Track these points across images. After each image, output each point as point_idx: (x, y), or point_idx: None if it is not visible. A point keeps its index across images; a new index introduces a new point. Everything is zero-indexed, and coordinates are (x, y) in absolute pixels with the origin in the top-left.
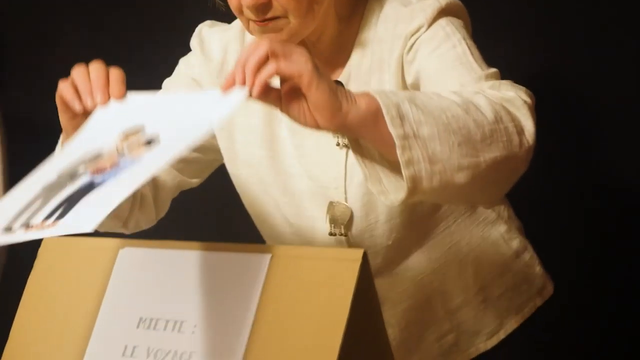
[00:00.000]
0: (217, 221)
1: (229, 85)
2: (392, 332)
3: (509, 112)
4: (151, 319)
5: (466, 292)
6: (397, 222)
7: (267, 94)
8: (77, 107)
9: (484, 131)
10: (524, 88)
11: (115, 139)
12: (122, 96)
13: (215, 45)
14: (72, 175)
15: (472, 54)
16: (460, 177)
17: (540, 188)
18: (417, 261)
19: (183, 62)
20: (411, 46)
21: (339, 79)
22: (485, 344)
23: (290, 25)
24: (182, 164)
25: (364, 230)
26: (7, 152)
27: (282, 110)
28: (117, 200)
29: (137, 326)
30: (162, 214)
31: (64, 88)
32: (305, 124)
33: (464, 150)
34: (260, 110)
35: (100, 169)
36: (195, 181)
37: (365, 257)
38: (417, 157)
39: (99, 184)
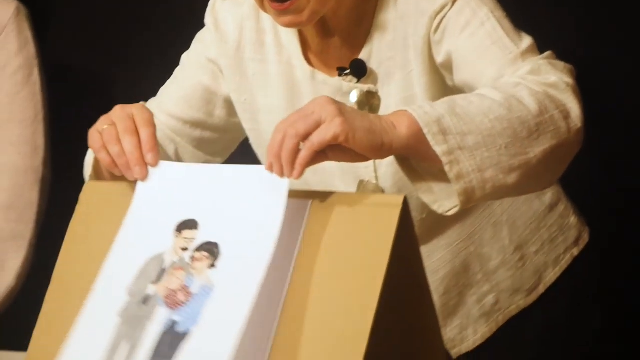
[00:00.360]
0: None
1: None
2: None
3: (553, 99)
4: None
5: (503, 253)
6: None
7: (312, 162)
8: (116, 173)
9: (529, 126)
10: (562, 64)
11: (171, 239)
12: (157, 163)
13: (230, 23)
14: (145, 299)
15: (502, 27)
16: (513, 178)
17: None
18: (452, 229)
19: (199, 39)
20: (437, 26)
21: (359, 57)
22: (526, 301)
23: (310, 5)
24: (204, 144)
25: None
26: (47, 99)
27: (330, 159)
28: None
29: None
30: None
31: (100, 154)
32: (357, 161)
33: (512, 151)
34: (282, 89)
35: (176, 303)
36: (218, 160)
37: (405, 202)
38: (465, 169)
39: (183, 332)
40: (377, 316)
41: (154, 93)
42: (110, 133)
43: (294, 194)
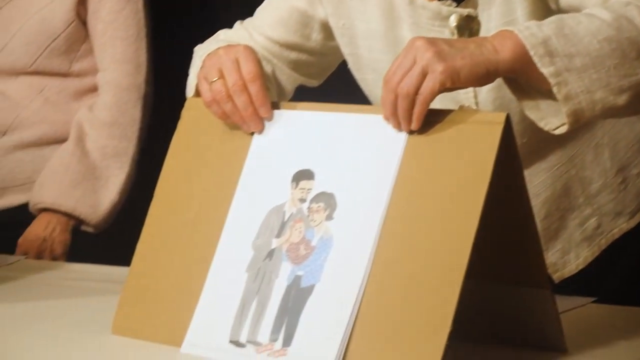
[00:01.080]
0: None
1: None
2: None
3: None
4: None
5: (604, 176)
6: (530, 121)
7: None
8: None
9: (639, 47)
10: None
11: (289, 190)
12: (271, 116)
13: None
14: (269, 254)
15: None
16: (623, 99)
17: None
18: (552, 153)
19: None
20: None
21: None
22: (628, 224)
23: None
24: (300, 66)
25: None
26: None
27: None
28: (341, 330)
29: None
30: None
31: (212, 108)
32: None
33: (621, 72)
34: (380, 14)
35: (299, 257)
36: (314, 82)
37: (508, 120)
38: (574, 91)
39: (307, 286)
40: (478, 236)
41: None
42: (219, 90)
43: None
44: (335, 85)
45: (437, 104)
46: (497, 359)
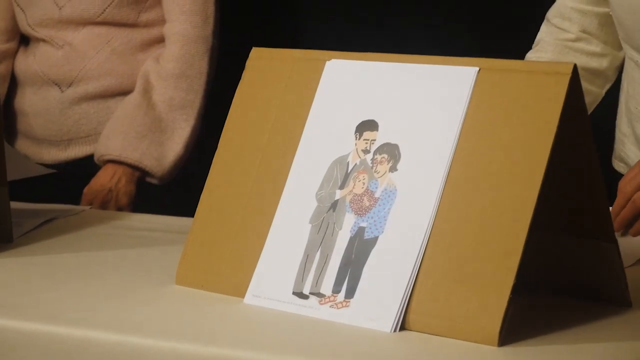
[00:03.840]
0: None
1: None
2: None
3: None
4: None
5: None
6: None
7: None
8: None
9: None
10: None
11: (352, 140)
12: None
13: None
14: (333, 206)
15: None
16: None
17: None
18: None
19: None
20: None
21: None
22: None
23: None
24: None
25: None
26: None
27: None
28: (404, 282)
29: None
30: None
31: None
32: None
33: None
34: None
35: (362, 209)
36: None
37: (575, 71)
38: None
39: (371, 238)
40: (544, 187)
41: None
42: None
43: (459, 62)
44: None
45: None
46: (562, 313)
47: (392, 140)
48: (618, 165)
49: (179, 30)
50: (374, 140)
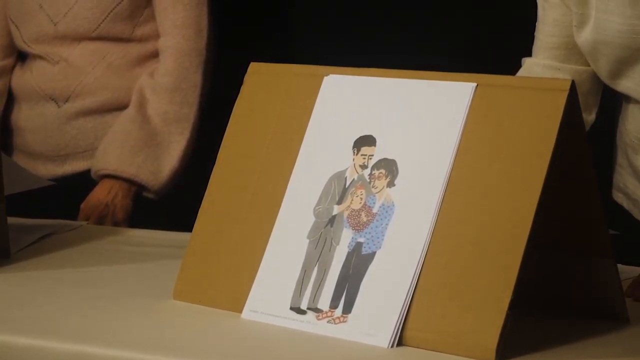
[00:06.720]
0: None
1: None
2: None
3: None
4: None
5: None
6: None
7: None
8: None
9: None
10: None
11: (350, 155)
12: None
13: None
14: (331, 221)
15: None
16: None
17: None
18: None
19: None
20: None
21: None
22: None
23: None
24: None
25: None
26: None
27: None
28: (402, 297)
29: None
30: None
31: None
32: None
33: None
34: None
35: (360, 224)
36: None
37: (573, 87)
38: None
39: (368, 254)
40: (541, 204)
41: None
42: None
43: (457, 77)
44: None
45: None
46: (560, 328)
47: (389, 155)
48: (618, 197)
49: (172, 44)
50: (372, 155)
